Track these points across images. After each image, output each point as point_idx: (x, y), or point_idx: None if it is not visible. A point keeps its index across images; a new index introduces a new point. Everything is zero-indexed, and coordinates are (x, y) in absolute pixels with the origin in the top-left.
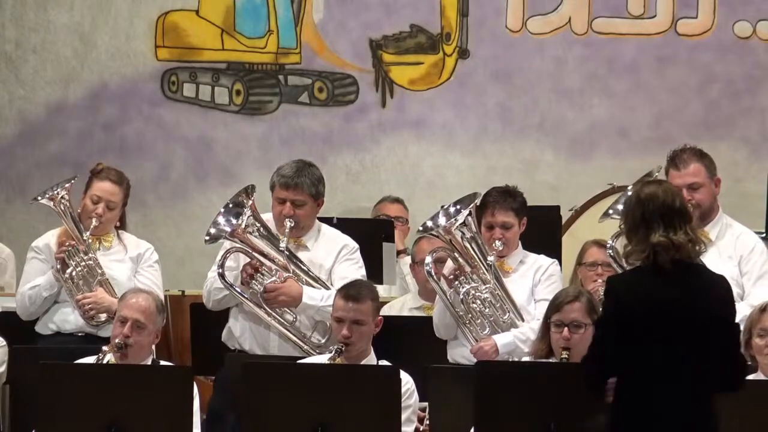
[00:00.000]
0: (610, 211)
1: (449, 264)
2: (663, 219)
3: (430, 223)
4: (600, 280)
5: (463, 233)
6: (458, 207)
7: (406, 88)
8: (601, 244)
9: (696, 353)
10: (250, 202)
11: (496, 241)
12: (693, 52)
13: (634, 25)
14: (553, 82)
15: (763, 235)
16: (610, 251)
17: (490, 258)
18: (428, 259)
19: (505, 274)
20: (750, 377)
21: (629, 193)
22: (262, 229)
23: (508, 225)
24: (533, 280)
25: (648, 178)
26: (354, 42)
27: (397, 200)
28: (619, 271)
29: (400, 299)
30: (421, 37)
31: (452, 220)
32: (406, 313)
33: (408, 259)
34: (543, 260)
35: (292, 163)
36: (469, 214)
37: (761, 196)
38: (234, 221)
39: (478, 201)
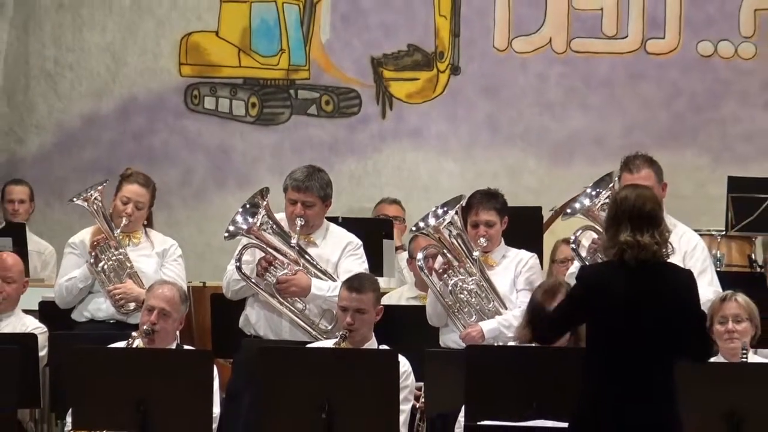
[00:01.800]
0: (568, 210)
1: (439, 259)
2: (631, 221)
3: (421, 224)
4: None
5: (450, 231)
6: (445, 208)
7: (404, 101)
8: (569, 242)
9: (654, 336)
10: (265, 202)
11: (481, 238)
12: (661, 69)
13: (608, 44)
14: (535, 96)
15: (723, 232)
16: (573, 245)
17: (475, 253)
18: (420, 255)
19: (490, 268)
20: (711, 360)
21: (588, 190)
22: (275, 226)
23: (491, 223)
24: (515, 272)
25: (608, 179)
26: (357, 60)
27: (395, 201)
28: (578, 259)
29: (398, 290)
30: (417, 55)
31: (440, 220)
32: (404, 302)
33: (404, 255)
34: (523, 254)
35: (304, 168)
36: (456, 213)
37: (721, 198)
38: (250, 220)
39: (463, 203)
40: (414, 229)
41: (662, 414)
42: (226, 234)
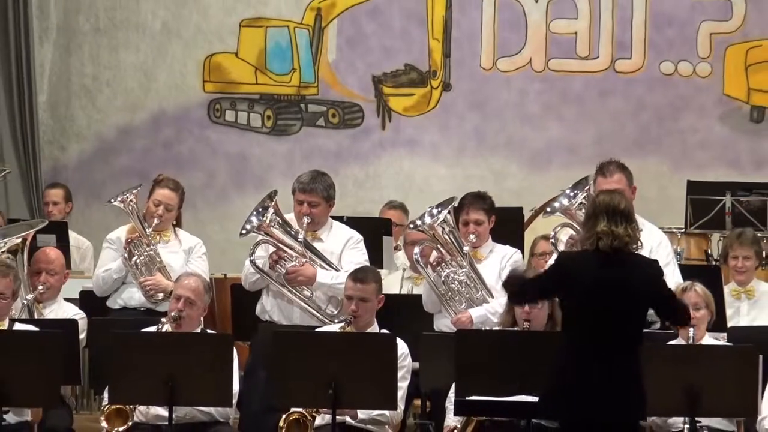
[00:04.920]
0: (548, 209)
1: (433, 253)
2: (607, 215)
3: (418, 221)
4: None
5: (444, 228)
6: (439, 208)
7: (401, 114)
8: (547, 238)
9: (622, 315)
10: (273, 203)
11: (471, 235)
12: (628, 86)
13: (581, 64)
14: (517, 110)
15: (683, 230)
16: (552, 240)
17: (466, 248)
18: (416, 250)
19: (478, 261)
20: (672, 342)
21: (567, 191)
22: (283, 224)
23: (480, 222)
24: (500, 266)
25: (584, 182)
26: (360, 77)
27: (397, 207)
28: (556, 253)
29: (395, 273)
30: (413, 73)
31: (435, 218)
32: (398, 283)
33: (400, 254)
34: (508, 250)
35: (309, 172)
36: (449, 213)
37: (681, 200)
38: (261, 218)
39: (456, 203)
40: (411, 226)
41: (627, 387)
42: (243, 231)
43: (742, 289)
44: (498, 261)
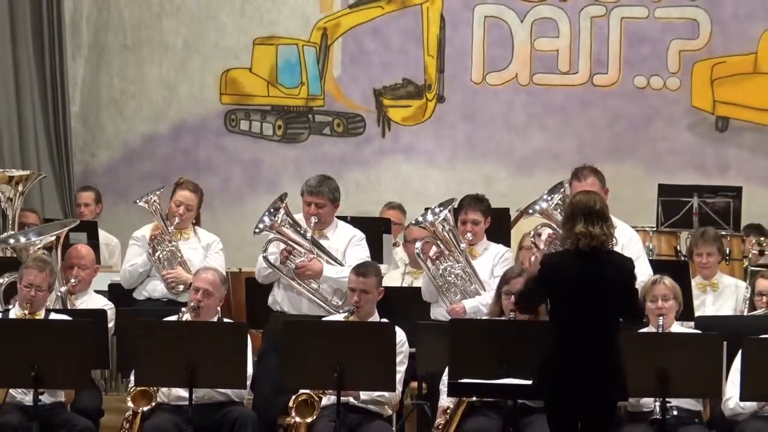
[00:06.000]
0: (530, 211)
1: (433, 248)
2: (584, 216)
3: (420, 219)
4: (533, 258)
5: (444, 226)
6: (441, 208)
7: (400, 123)
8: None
9: (602, 308)
10: (283, 204)
11: (468, 233)
12: (605, 98)
13: (562, 78)
14: (504, 120)
15: (654, 228)
16: (532, 238)
17: (463, 245)
18: (418, 245)
19: (473, 258)
20: (643, 330)
21: (544, 195)
22: (293, 223)
23: (477, 222)
24: (493, 262)
25: (559, 186)
26: (362, 91)
27: (395, 207)
28: (535, 248)
29: (397, 270)
30: (410, 87)
31: (436, 216)
32: (398, 277)
33: (399, 249)
34: (501, 248)
35: (316, 176)
36: (449, 212)
37: (653, 201)
38: (273, 218)
39: (455, 204)
40: (414, 222)
41: (607, 373)
42: (256, 230)
43: (708, 282)
44: (492, 258)
